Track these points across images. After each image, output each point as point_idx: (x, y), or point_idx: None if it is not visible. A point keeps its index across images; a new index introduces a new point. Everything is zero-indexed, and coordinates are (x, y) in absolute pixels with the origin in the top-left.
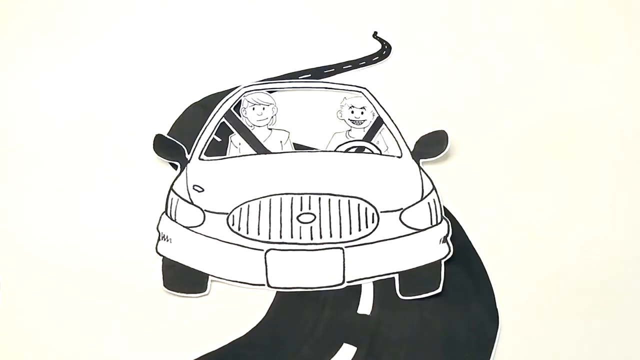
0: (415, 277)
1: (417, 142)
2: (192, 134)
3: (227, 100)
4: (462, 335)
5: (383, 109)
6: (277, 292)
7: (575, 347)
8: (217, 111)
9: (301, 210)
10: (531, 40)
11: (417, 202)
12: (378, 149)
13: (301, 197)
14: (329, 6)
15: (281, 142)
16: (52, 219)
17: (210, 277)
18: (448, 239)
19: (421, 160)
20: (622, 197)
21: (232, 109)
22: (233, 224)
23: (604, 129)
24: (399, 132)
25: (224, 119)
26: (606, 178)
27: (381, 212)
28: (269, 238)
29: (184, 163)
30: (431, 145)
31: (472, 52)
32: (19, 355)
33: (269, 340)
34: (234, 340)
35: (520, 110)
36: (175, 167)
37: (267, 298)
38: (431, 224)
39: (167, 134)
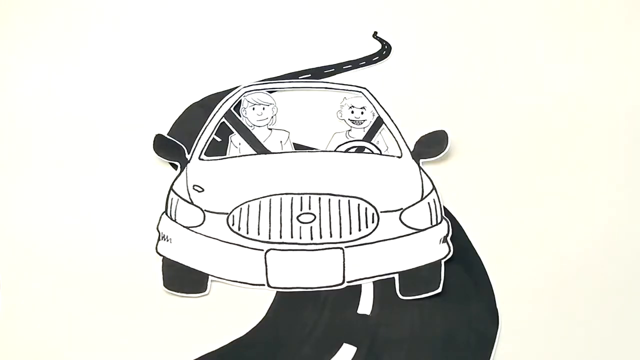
0: (415, 277)
1: (417, 142)
2: (192, 134)
3: (227, 100)
4: (462, 335)
5: (383, 109)
6: (277, 292)
7: (575, 346)
8: (217, 111)
9: (301, 210)
10: (531, 40)
11: (417, 202)
12: (378, 149)
13: (301, 197)
14: (329, 6)
15: (281, 142)
16: (52, 219)
17: (210, 277)
18: (448, 239)
19: (421, 160)
20: (623, 197)
21: (232, 109)
22: (233, 224)
23: (605, 128)
24: (399, 132)
25: (224, 119)
26: (607, 178)
27: (381, 212)
28: (269, 238)
29: (184, 163)
30: (431, 145)
31: (472, 52)
32: (18, 355)
33: (269, 340)
34: (234, 340)
35: (520, 110)
36: (175, 167)
37: (267, 298)
38: (431, 224)
39: (167, 134)
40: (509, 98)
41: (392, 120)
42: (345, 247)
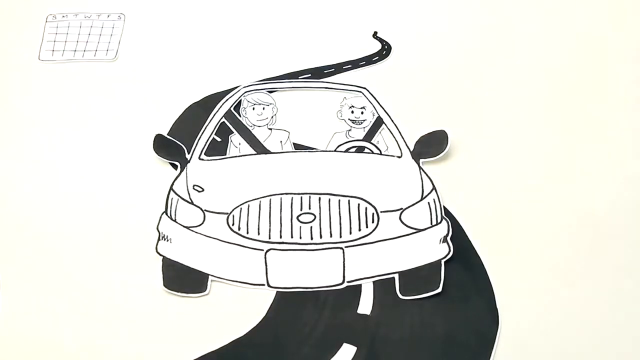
0: (415, 277)
1: (417, 142)
2: (192, 134)
3: (227, 100)
4: (462, 335)
5: (383, 109)
6: (277, 292)
7: (576, 347)
8: (217, 111)
9: (301, 210)
10: (532, 40)
11: (417, 202)
12: (378, 149)
13: (301, 197)
14: (329, 6)
15: (281, 142)
16: (51, 219)
17: (210, 277)
18: (448, 239)
19: (421, 160)
20: (626, 200)
21: (232, 109)
22: (233, 224)
23: (607, 129)
24: (399, 132)
25: (224, 119)
26: (611, 179)
27: (381, 212)
28: (269, 238)
29: (184, 163)
30: (431, 145)
31: (473, 52)
32: (17, 356)
33: (269, 340)
34: (234, 340)
35: (520, 110)
36: (175, 167)
37: (267, 298)
38: (431, 223)
39: (167, 134)
40: (509, 98)
41: (392, 120)
42: (345, 247)
